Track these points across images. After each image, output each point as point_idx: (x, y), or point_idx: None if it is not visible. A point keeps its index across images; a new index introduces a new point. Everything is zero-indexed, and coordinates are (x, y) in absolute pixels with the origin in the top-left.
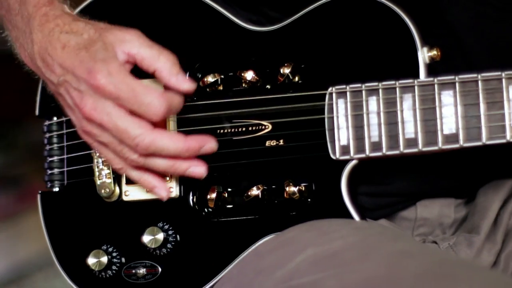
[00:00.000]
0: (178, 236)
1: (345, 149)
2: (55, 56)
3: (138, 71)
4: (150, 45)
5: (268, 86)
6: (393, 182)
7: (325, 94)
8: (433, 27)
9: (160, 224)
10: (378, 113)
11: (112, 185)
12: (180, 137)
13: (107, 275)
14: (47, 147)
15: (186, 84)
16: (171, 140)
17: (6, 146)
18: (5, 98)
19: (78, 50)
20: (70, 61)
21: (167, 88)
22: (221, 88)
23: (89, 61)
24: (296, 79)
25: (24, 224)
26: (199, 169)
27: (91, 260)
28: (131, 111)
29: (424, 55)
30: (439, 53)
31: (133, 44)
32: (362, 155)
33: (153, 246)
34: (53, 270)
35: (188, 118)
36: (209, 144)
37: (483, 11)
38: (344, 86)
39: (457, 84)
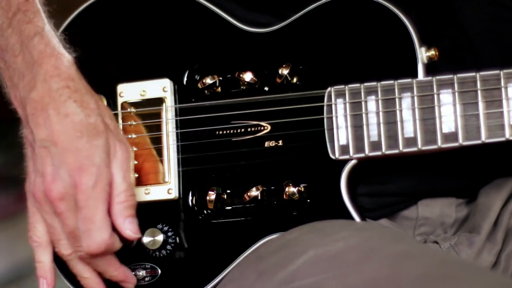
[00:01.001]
0: (177, 238)
1: (344, 149)
2: (53, 120)
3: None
4: (125, 177)
5: (267, 88)
6: (394, 182)
7: (324, 94)
8: (445, 29)
9: (160, 226)
10: (377, 113)
11: None
12: (115, 267)
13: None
14: None
15: (129, 231)
16: (107, 265)
17: (6, 146)
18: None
19: (80, 133)
20: (66, 140)
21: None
22: (219, 90)
23: (85, 157)
24: (295, 80)
25: (24, 224)
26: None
27: None
28: (77, 227)
29: (422, 55)
30: (437, 53)
31: (117, 163)
32: (362, 155)
33: (152, 248)
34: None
35: (187, 120)
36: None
37: (496, 12)
38: (343, 86)
39: (455, 83)
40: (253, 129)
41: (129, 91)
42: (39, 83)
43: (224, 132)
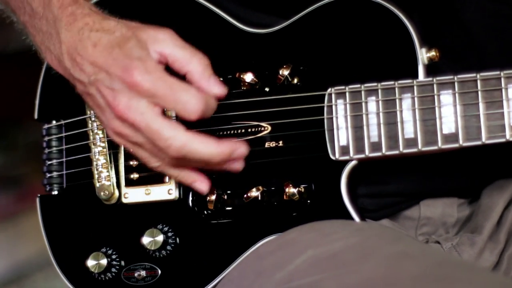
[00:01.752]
0: (177, 238)
1: (344, 150)
2: (86, 55)
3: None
4: (184, 46)
5: (267, 88)
6: (396, 182)
7: (324, 95)
8: (447, 27)
9: (160, 226)
10: (378, 114)
11: (111, 187)
12: (212, 141)
13: (107, 278)
14: (46, 151)
15: (217, 87)
16: (203, 143)
17: (6, 146)
18: (5, 98)
19: (111, 48)
20: (103, 59)
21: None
22: None
23: (124, 59)
24: (295, 80)
25: (24, 224)
26: (203, 185)
27: (90, 263)
28: (168, 108)
29: (422, 55)
30: (437, 54)
31: (166, 44)
32: (362, 156)
33: (152, 248)
34: (53, 270)
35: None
36: (240, 150)
37: (497, 9)
38: (343, 87)
39: (456, 84)
40: (253, 129)
41: None
42: (62, 35)
43: (225, 132)
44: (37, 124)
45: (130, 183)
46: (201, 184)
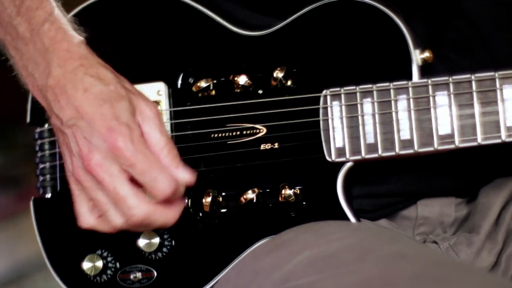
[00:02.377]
0: (173, 240)
1: (340, 151)
2: (73, 97)
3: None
4: (162, 131)
5: (261, 91)
6: (393, 182)
7: (319, 97)
8: (451, 19)
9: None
10: (373, 115)
11: None
12: (170, 211)
13: (102, 280)
14: (39, 154)
15: (184, 179)
16: (163, 214)
17: (6, 146)
18: (5, 98)
19: (102, 101)
20: (90, 109)
21: None
22: (213, 93)
23: (111, 119)
24: (289, 83)
25: (24, 224)
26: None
27: (86, 265)
28: (137, 181)
29: (417, 57)
30: (431, 55)
31: (149, 122)
32: (358, 157)
33: (148, 250)
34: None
35: (182, 123)
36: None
37: None
38: (338, 89)
39: (451, 85)
40: (248, 131)
41: None
42: (54, 69)
43: (220, 135)
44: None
45: None
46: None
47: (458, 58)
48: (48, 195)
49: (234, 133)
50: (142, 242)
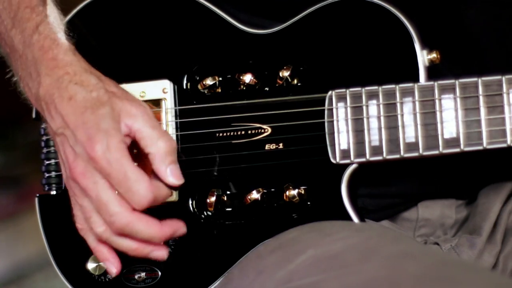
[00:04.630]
0: (177, 240)
1: (345, 153)
2: (60, 106)
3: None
4: (153, 126)
5: (267, 89)
6: (395, 184)
7: (324, 98)
8: (449, 30)
9: None
10: (378, 117)
11: None
12: (156, 224)
13: (107, 279)
14: (44, 150)
15: (172, 178)
16: (147, 225)
17: (6, 146)
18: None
19: (84, 108)
20: (73, 118)
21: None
22: (219, 90)
23: (91, 127)
24: (295, 81)
25: (24, 224)
26: (161, 253)
27: (90, 265)
28: (117, 191)
29: (423, 58)
30: (438, 56)
31: (136, 120)
32: (363, 159)
33: None
34: (53, 270)
35: (187, 122)
36: (180, 230)
37: (500, 12)
38: (344, 90)
39: (457, 88)
40: (253, 131)
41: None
42: (42, 79)
43: (225, 134)
44: (37, 124)
45: None
46: (112, 265)
47: (451, 68)
48: (53, 192)
49: (239, 133)
50: None
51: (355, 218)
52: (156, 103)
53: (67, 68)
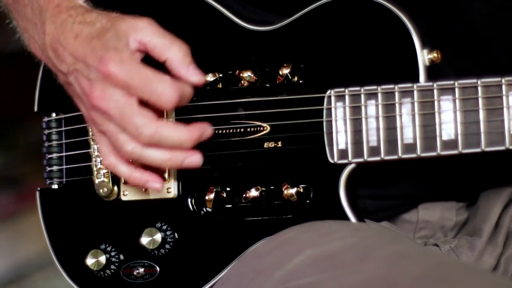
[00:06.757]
0: (176, 237)
1: (343, 153)
2: (67, 46)
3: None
4: (162, 34)
5: (268, 85)
6: (395, 185)
7: (323, 97)
8: (453, 25)
9: (158, 225)
10: (377, 118)
11: (110, 184)
12: (183, 127)
13: (106, 275)
14: (46, 144)
15: (195, 76)
16: (174, 130)
17: (6, 146)
18: (5, 98)
19: (91, 39)
20: (82, 50)
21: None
22: (220, 86)
23: (100, 49)
24: (295, 79)
25: (24, 224)
26: (195, 158)
27: (89, 260)
28: (142, 99)
29: (424, 57)
30: (439, 55)
31: (145, 32)
32: (360, 160)
33: (151, 247)
34: (53, 270)
35: (187, 119)
36: (208, 131)
37: (503, 3)
38: (343, 90)
39: (456, 90)
40: (252, 129)
41: None
42: (47, 27)
43: (224, 131)
44: (37, 124)
45: None
46: (154, 182)
47: (458, 64)
48: (55, 186)
49: (238, 131)
50: (145, 239)
51: (353, 218)
52: None
53: (70, 11)
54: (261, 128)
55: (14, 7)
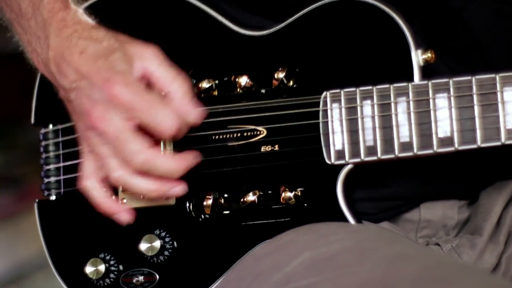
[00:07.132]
0: (175, 243)
1: (340, 154)
2: (72, 61)
3: None
4: (167, 67)
5: (263, 91)
6: (396, 185)
7: (319, 99)
8: (450, 28)
9: (157, 232)
10: (373, 117)
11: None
12: (173, 157)
13: (105, 284)
14: (44, 155)
15: (193, 115)
16: (165, 159)
17: (6, 146)
18: (5, 98)
19: (96, 58)
20: (87, 68)
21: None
22: (215, 93)
23: (106, 70)
24: (291, 83)
25: (24, 224)
26: (180, 188)
27: (88, 269)
28: (143, 123)
29: (418, 57)
30: (433, 55)
31: (151, 62)
32: (357, 160)
33: (150, 254)
34: (53, 270)
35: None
36: (196, 160)
37: (500, 7)
38: (338, 91)
39: (451, 87)
40: (249, 133)
41: None
42: (51, 40)
43: (220, 137)
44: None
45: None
46: (122, 216)
47: (455, 67)
48: (53, 197)
49: (235, 135)
50: (143, 246)
51: (351, 220)
52: None
53: (76, 26)
54: (258, 132)
55: (17, 21)
